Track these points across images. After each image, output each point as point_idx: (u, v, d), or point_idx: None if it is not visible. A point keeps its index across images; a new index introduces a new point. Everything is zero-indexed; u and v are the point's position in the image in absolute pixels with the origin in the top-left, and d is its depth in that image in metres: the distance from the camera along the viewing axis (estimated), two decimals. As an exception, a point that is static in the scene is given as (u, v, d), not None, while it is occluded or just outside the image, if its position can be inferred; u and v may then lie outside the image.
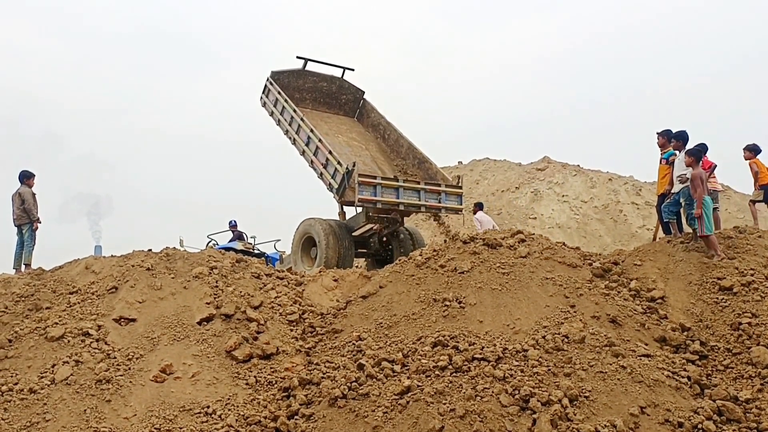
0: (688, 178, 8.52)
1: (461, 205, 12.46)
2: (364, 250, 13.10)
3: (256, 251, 15.80)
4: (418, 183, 11.86)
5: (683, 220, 8.98)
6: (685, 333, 6.81)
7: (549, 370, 5.92)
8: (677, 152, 8.92)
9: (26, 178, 10.73)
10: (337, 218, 12.52)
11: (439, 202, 12.01)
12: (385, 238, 12.96)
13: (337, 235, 11.77)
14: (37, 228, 10.52)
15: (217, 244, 16.16)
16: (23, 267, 10.13)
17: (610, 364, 5.96)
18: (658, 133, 9.34)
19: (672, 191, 8.92)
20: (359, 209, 12.07)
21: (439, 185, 12.13)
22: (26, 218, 10.45)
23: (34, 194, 10.68)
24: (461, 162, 30.52)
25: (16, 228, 10.57)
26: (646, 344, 6.51)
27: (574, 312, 6.87)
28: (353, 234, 12.22)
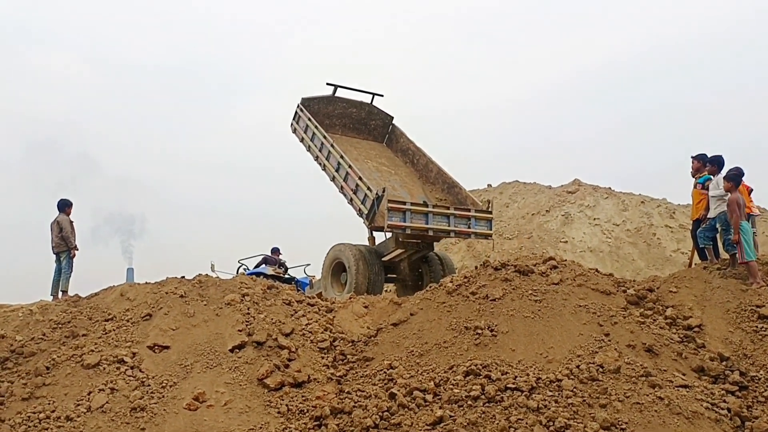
0: (723, 201, 8.39)
1: (491, 230, 12.42)
2: (394, 276, 13.08)
3: (286, 276, 15.91)
4: (448, 208, 11.86)
5: (719, 246, 8.82)
6: (724, 363, 6.65)
7: (584, 400, 5.82)
8: (712, 177, 8.80)
9: (65, 206, 11.02)
10: (367, 243, 12.56)
11: (469, 228, 11.98)
12: (415, 264, 12.94)
13: (367, 260, 11.79)
14: (74, 255, 10.77)
15: (247, 269, 16.32)
16: (60, 294, 10.35)
17: (647, 395, 5.85)
18: (693, 158, 9.25)
19: (708, 216, 8.79)
20: (389, 234, 12.10)
21: (469, 210, 12.11)
22: (64, 246, 10.71)
23: (71, 222, 10.95)
24: (491, 185, 30.41)
25: (54, 255, 10.84)
26: (684, 374, 6.37)
27: (609, 341, 6.76)
28: (383, 259, 12.23)
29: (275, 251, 16.70)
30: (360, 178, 11.97)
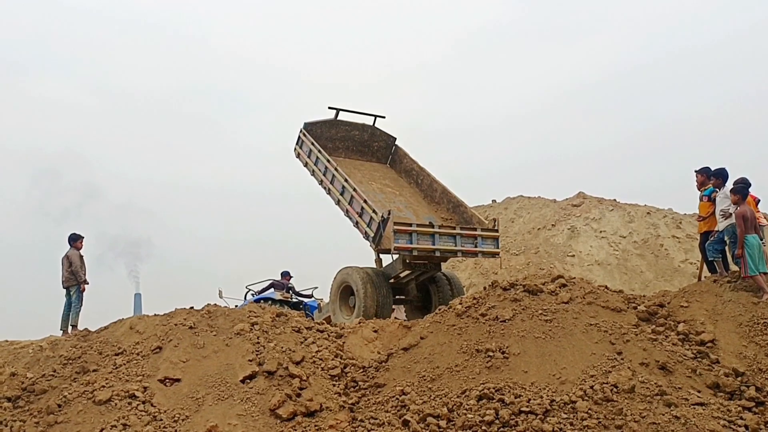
0: (731, 213, 8.37)
1: (498, 248, 12.35)
2: (403, 297, 13.04)
3: (294, 300, 15.87)
4: (454, 228, 11.82)
5: (728, 258, 8.78)
6: (739, 378, 6.59)
7: (599, 422, 5.77)
8: (717, 189, 8.79)
9: (74, 241, 11.04)
10: (374, 266, 12.53)
11: (476, 246, 11.91)
12: (422, 284, 12.90)
13: (374, 283, 11.76)
14: (84, 290, 10.77)
15: (255, 294, 16.29)
16: (70, 328, 10.34)
17: (663, 415, 5.79)
18: (696, 172, 9.23)
19: (716, 229, 8.76)
20: (396, 256, 12.07)
21: (475, 229, 12.07)
22: (74, 280, 10.73)
23: (81, 257, 10.97)
24: (495, 200, 30.37)
25: (64, 290, 10.85)
26: (699, 392, 6.31)
27: (622, 359, 6.71)
28: (391, 281, 12.20)
29: (285, 275, 16.67)
30: (365, 201, 11.96)
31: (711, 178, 9.02)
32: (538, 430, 5.75)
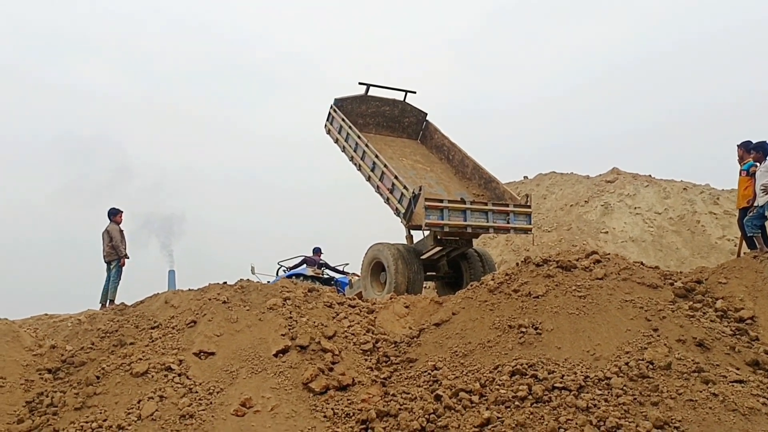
0: None
1: (530, 224, 12.23)
2: (434, 274, 13.03)
3: (325, 276, 16.00)
4: (486, 204, 11.73)
5: (769, 234, 8.57)
6: (780, 356, 6.44)
7: (635, 399, 5.69)
8: (758, 164, 8.55)
9: (114, 215, 11.19)
10: (405, 242, 12.52)
11: (508, 223, 11.83)
12: (454, 261, 12.86)
13: (405, 259, 11.75)
14: (124, 264, 10.95)
15: (287, 270, 16.45)
16: (108, 302, 10.55)
17: (700, 392, 5.69)
18: (738, 146, 8.99)
19: (755, 204, 8.54)
20: (427, 233, 12.03)
21: (507, 205, 11.97)
22: (114, 255, 10.90)
23: (121, 231, 11.14)
24: (527, 177, 30.06)
25: (105, 264, 11.04)
26: (738, 369, 6.18)
27: (658, 336, 6.60)
28: (422, 257, 12.18)
29: (317, 251, 16.81)
30: (396, 177, 11.90)
31: (751, 152, 8.78)
32: (572, 406, 5.70)
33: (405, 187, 11.57)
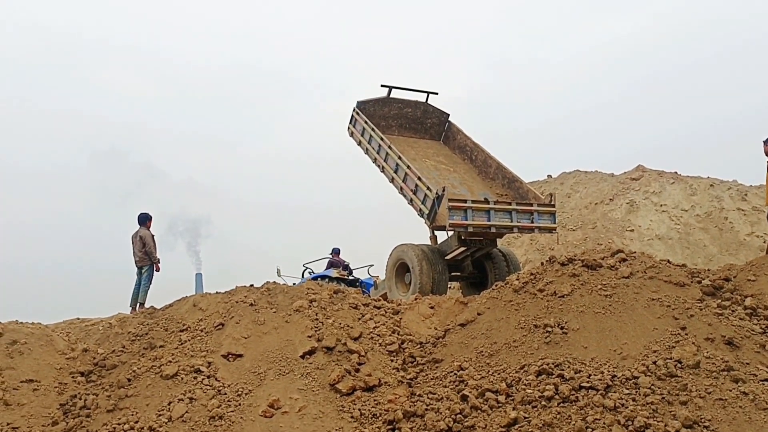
0: None
1: (555, 223, 12.27)
2: (458, 274, 13.05)
3: (350, 278, 16.07)
4: (510, 204, 11.74)
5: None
6: (811, 354, 6.34)
7: (663, 398, 5.65)
8: (786, 159, 8.44)
9: (146, 220, 11.38)
10: (429, 243, 12.54)
11: (532, 222, 11.86)
12: (478, 261, 12.86)
13: (430, 260, 11.78)
14: (158, 269, 11.11)
15: (312, 272, 16.55)
16: (138, 306, 10.72)
17: (730, 390, 5.64)
18: (764, 141, 8.87)
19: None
20: (451, 233, 12.05)
21: (531, 205, 11.97)
22: (147, 260, 11.07)
23: (153, 236, 11.30)
24: (550, 175, 29.90)
25: (137, 268, 11.22)
26: (768, 367, 6.11)
27: (686, 334, 6.54)
28: (446, 258, 12.20)
29: (336, 252, 16.88)
30: (419, 178, 11.96)
31: (778, 148, 8.66)
32: (600, 405, 5.67)
33: (428, 188, 11.61)
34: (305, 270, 16.91)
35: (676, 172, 25.62)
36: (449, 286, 13.13)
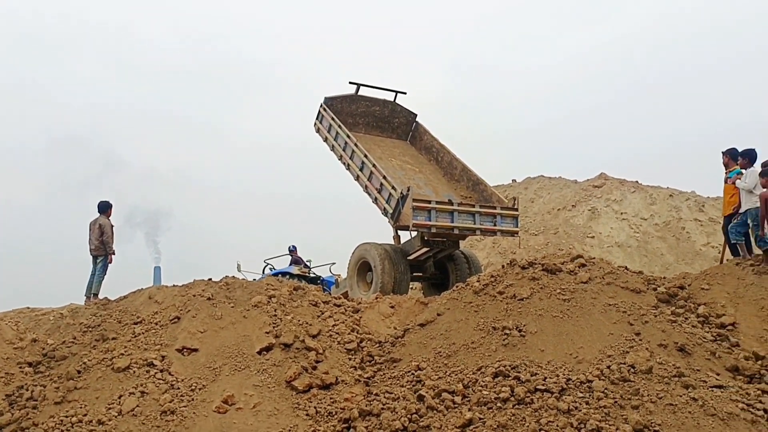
0: (752, 192, 8.23)
1: (517, 227, 12.39)
2: (420, 275, 13.05)
3: (311, 275, 15.97)
4: (473, 206, 11.79)
5: (752, 241, 8.64)
6: (759, 362, 6.48)
7: (616, 402, 5.72)
8: (743, 171, 8.63)
9: (106, 208, 11.01)
10: (392, 242, 12.53)
11: (495, 225, 11.92)
12: (440, 262, 12.89)
13: (392, 259, 11.77)
14: (111, 261, 10.81)
15: (274, 269, 16.41)
16: (92, 296, 10.45)
17: (681, 396, 5.73)
18: (723, 153, 9.07)
19: (739, 211, 8.62)
20: (414, 233, 12.05)
21: (495, 208, 12.04)
22: (103, 250, 10.74)
23: (112, 226, 10.96)
24: (515, 180, 30.19)
25: (92, 257, 10.87)
26: (718, 374, 6.24)
27: (640, 340, 6.64)
28: (408, 258, 12.20)
29: (293, 250, 16.83)
30: (384, 177, 11.92)
31: (737, 160, 8.85)
32: (554, 408, 5.72)
33: (393, 188, 11.59)
34: (266, 266, 16.76)
35: (637, 182, 26.11)
36: (411, 286, 13.14)
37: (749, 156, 8.64)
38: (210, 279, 9.01)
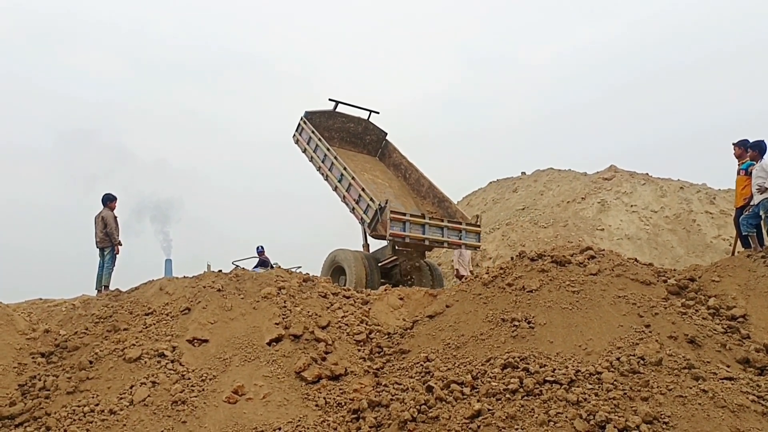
0: (767, 188, 8.17)
1: (479, 242, 13.63)
2: (387, 281, 13.66)
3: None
4: (442, 221, 12.85)
5: (764, 233, 8.58)
6: (770, 354, 6.46)
7: (625, 393, 5.71)
8: (755, 162, 8.56)
9: (109, 201, 11.10)
10: (362, 250, 13.49)
11: (460, 239, 13.01)
12: (406, 270, 13.58)
13: (365, 265, 12.69)
14: (118, 252, 10.89)
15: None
16: (102, 288, 10.52)
17: (690, 388, 5.72)
18: (734, 144, 8.99)
19: (751, 203, 8.56)
20: (385, 242, 12.96)
21: (460, 223, 13.10)
22: (108, 242, 10.83)
23: (116, 218, 11.05)
24: (524, 173, 30.11)
25: (98, 250, 10.97)
26: (728, 366, 6.21)
27: (650, 332, 6.62)
28: (380, 265, 13.08)
29: (261, 251, 16.99)
30: (363, 189, 12.82)
31: (748, 151, 8.78)
32: (563, 399, 5.72)
33: (371, 199, 12.48)
34: (235, 268, 16.83)
35: (647, 174, 25.95)
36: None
37: (759, 148, 8.57)
38: (220, 270, 9.08)
